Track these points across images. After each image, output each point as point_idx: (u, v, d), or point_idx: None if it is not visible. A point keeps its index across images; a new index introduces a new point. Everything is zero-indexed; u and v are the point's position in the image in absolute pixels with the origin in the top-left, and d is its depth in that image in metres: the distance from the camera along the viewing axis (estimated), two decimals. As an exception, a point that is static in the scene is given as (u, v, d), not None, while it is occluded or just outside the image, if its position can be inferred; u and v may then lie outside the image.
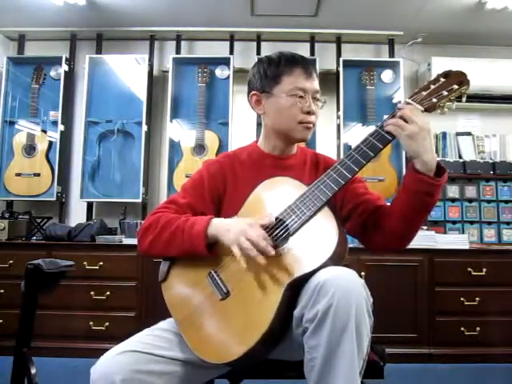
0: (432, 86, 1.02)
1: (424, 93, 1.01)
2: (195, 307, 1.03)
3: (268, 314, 0.91)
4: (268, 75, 1.15)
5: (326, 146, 2.97)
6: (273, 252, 0.94)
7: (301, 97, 1.12)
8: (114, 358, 0.92)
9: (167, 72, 3.04)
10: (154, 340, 0.99)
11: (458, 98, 1.02)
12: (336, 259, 0.93)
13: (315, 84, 1.15)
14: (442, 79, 1.02)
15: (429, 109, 1.00)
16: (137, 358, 0.92)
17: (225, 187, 1.18)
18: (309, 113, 1.13)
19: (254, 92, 1.19)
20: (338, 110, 3.00)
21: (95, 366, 0.93)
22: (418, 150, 0.97)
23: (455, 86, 1.00)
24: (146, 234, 1.09)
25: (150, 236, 1.08)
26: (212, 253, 1.03)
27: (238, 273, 1.00)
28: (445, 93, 1.00)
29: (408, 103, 1.01)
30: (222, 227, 1.01)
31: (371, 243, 1.15)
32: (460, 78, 1.01)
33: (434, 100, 1.00)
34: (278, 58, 1.16)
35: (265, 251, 0.93)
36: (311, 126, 1.14)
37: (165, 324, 1.08)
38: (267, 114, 1.18)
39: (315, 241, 0.96)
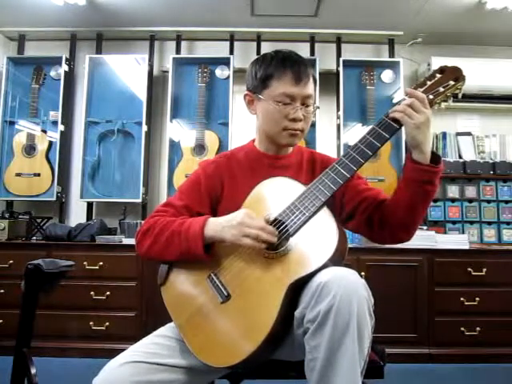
0: (428, 83, 1.02)
1: (420, 89, 1.01)
2: (195, 311, 1.02)
3: (270, 315, 0.91)
4: (258, 77, 1.13)
5: (326, 146, 2.97)
6: (274, 239, 0.96)
7: (287, 103, 1.09)
8: (116, 371, 0.92)
9: (167, 72, 3.04)
10: (155, 348, 0.99)
11: (455, 95, 1.02)
12: (337, 259, 0.93)
13: (306, 89, 1.10)
14: (438, 75, 1.02)
15: None
16: (138, 369, 0.92)
17: (222, 187, 1.17)
18: (294, 120, 1.10)
19: (247, 92, 1.19)
20: (338, 110, 3.00)
21: (97, 378, 0.92)
22: (421, 139, 0.98)
23: (451, 82, 1.00)
24: (144, 238, 1.09)
25: (147, 240, 1.08)
26: (209, 255, 1.03)
27: (238, 275, 1.00)
28: (441, 89, 1.00)
29: (415, 88, 1.01)
30: (219, 225, 1.01)
31: (379, 238, 1.14)
32: (456, 74, 1.01)
33: (431, 97, 1.00)
34: (271, 57, 1.13)
35: (269, 237, 0.95)
36: (297, 132, 1.12)
37: (165, 330, 1.07)
38: (258, 116, 1.18)
39: (315, 241, 0.96)
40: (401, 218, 1.06)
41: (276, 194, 1.06)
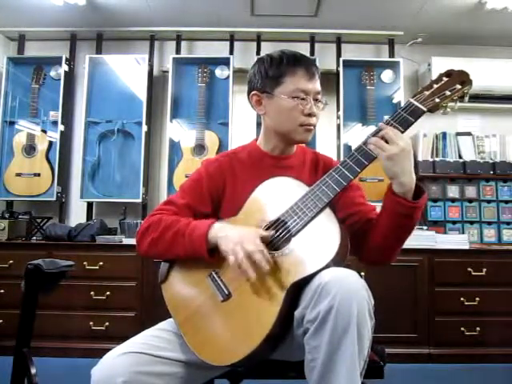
0: (435, 86, 1.01)
1: (427, 92, 1.00)
2: (196, 309, 1.03)
3: (270, 315, 0.91)
4: (269, 75, 1.13)
5: (326, 146, 2.97)
6: (267, 267, 0.93)
7: (302, 99, 1.10)
8: (115, 360, 0.92)
9: (167, 72, 3.04)
10: (155, 341, 0.99)
11: (461, 98, 1.01)
12: (338, 260, 0.93)
13: (317, 85, 1.13)
14: (445, 78, 1.01)
15: (432, 109, 0.99)
16: (138, 360, 0.92)
17: (224, 187, 1.17)
18: (310, 115, 1.12)
19: (254, 92, 1.17)
20: (338, 110, 3.00)
21: (96, 367, 0.92)
22: (396, 172, 0.96)
23: (458, 86, 0.99)
24: (145, 235, 1.09)
25: (149, 238, 1.08)
26: (214, 256, 1.03)
27: (239, 274, 0.99)
28: (448, 93, 0.99)
29: (388, 123, 0.99)
30: (220, 232, 1.00)
31: (358, 254, 1.12)
32: (462, 78, 1.00)
33: (437, 100, 0.99)
34: (280, 57, 1.13)
35: (259, 265, 0.93)
36: (312, 128, 1.14)
37: (165, 324, 1.08)
38: (268, 115, 1.17)
39: (317, 242, 0.96)
40: (376, 241, 1.06)
41: (279, 194, 1.06)
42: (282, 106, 1.12)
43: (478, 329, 2.44)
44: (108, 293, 2.50)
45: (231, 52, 3.07)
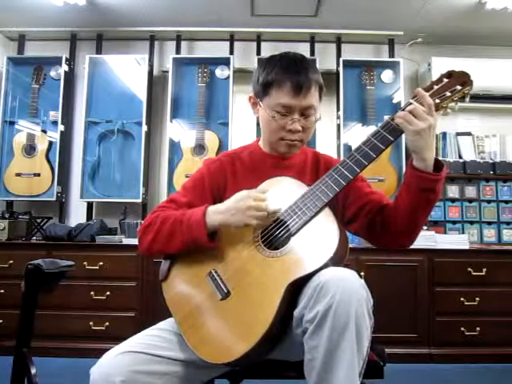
0: (435, 87, 1.01)
1: (427, 93, 1.00)
2: (195, 307, 1.03)
3: (268, 314, 0.91)
4: (259, 82, 1.12)
5: (326, 146, 2.97)
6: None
7: (284, 115, 1.08)
8: (114, 359, 0.92)
9: (167, 72, 3.04)
10: (154, 340, 0.99)
11: (461, 98, 1.01)
12: (337, 260, 0.93)
13: (306, 100, 1.07)
14: (445, 79, 1.01)
15: None
16: (137, 359, 0.92)
17: (225, 186, 1.17)
18: (291, 131, 1.09)
19: (251, 95, 1.19)
20: (338, 109, 3.00)
21: (95, 366, 0.93)
22: (421, 146, 0.96)
23: (458, 87, 0.99)
24: (146, 232, 1.09)
25: (149, 234, 1.08)
26: (215, 242, 1.04)
27: (238, 273, 1.00)
28: (448, 93, 0.99)
29: (418, 95, 0.98)
30: (223, 211, 1.02)
31: (380, 241, 1.14)
32: (463, 79, 1.00)
33: (437, 101, 0.99)
34: (274, 64, 1.11)
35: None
36: (295, 143, 1.12)
37: (165, 324, 1.08)
38: (260, 120, 1.18)
39: (316, 241, 0.96)
40: (401, 223, 1.06)
41: (278, 193, 1.06)
42: (265, 118, 1.12)
43: (478, 329, 2.44)
44: (108, 293, 2.51)
45: (231, 52, 3.07)
